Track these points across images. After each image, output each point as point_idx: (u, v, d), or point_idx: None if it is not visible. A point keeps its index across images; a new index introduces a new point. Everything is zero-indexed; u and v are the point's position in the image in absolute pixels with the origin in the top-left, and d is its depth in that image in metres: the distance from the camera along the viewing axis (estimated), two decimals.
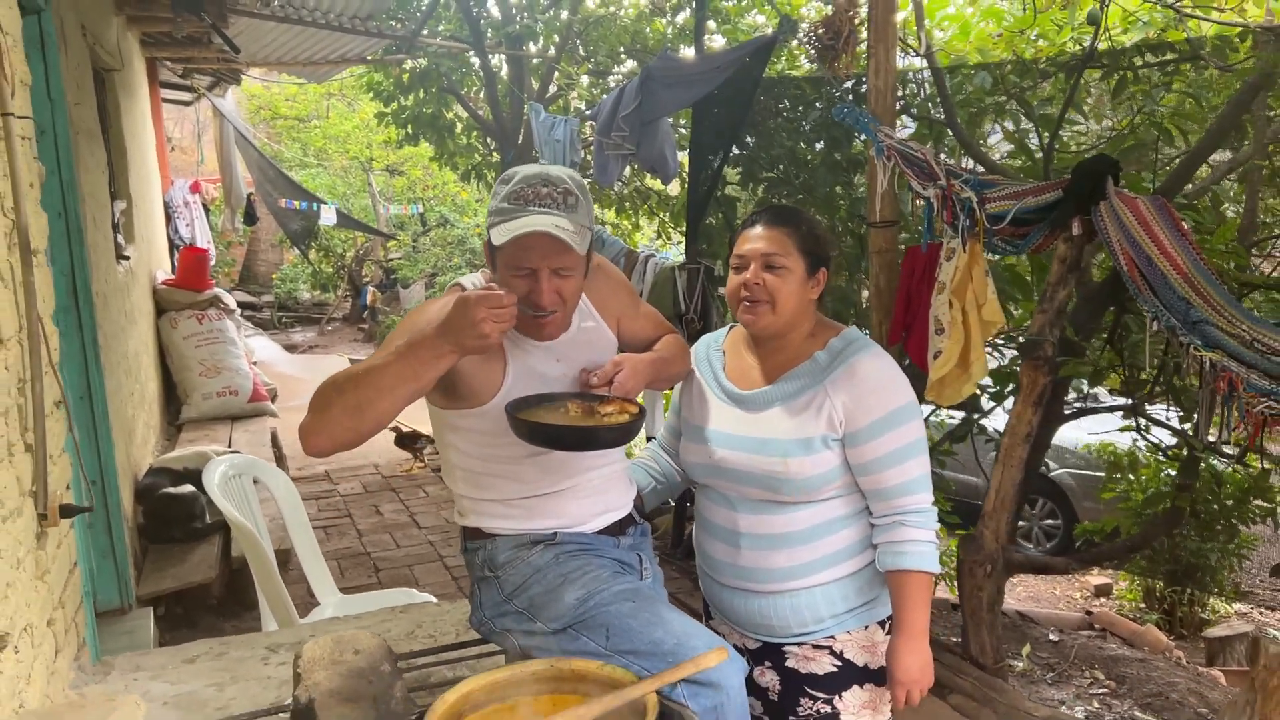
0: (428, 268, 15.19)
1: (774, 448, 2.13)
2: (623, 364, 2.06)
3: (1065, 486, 7.89)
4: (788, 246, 2.15)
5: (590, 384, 2.04)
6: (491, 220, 1.95)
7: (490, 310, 1.69)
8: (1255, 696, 3.29)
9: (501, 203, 1.94)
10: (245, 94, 16.20)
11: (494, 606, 2.11)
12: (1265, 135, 4.53)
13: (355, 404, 1.77)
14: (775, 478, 2.13)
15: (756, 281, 2.14)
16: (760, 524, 2.19)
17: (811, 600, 2.19)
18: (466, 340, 1.72)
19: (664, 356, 2.22)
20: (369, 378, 1.76)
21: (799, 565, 2.18)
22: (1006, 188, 3.66)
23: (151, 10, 6.64)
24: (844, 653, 2.22)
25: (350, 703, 1.92)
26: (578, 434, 1.91)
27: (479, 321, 1.68)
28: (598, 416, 1.96)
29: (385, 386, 1.75)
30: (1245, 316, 3.06)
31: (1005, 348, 5.27)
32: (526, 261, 1.92)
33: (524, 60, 8.31)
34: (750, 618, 2.24)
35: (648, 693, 1.67)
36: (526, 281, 1.93)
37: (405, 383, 1.76)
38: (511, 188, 1.94)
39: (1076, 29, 5.29)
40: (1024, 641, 5.72)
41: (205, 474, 3.19)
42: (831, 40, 4.23)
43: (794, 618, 2.20)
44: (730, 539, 2.23)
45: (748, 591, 2.23)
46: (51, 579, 2.45)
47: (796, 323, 2.20)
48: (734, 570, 2.24)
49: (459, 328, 1.71)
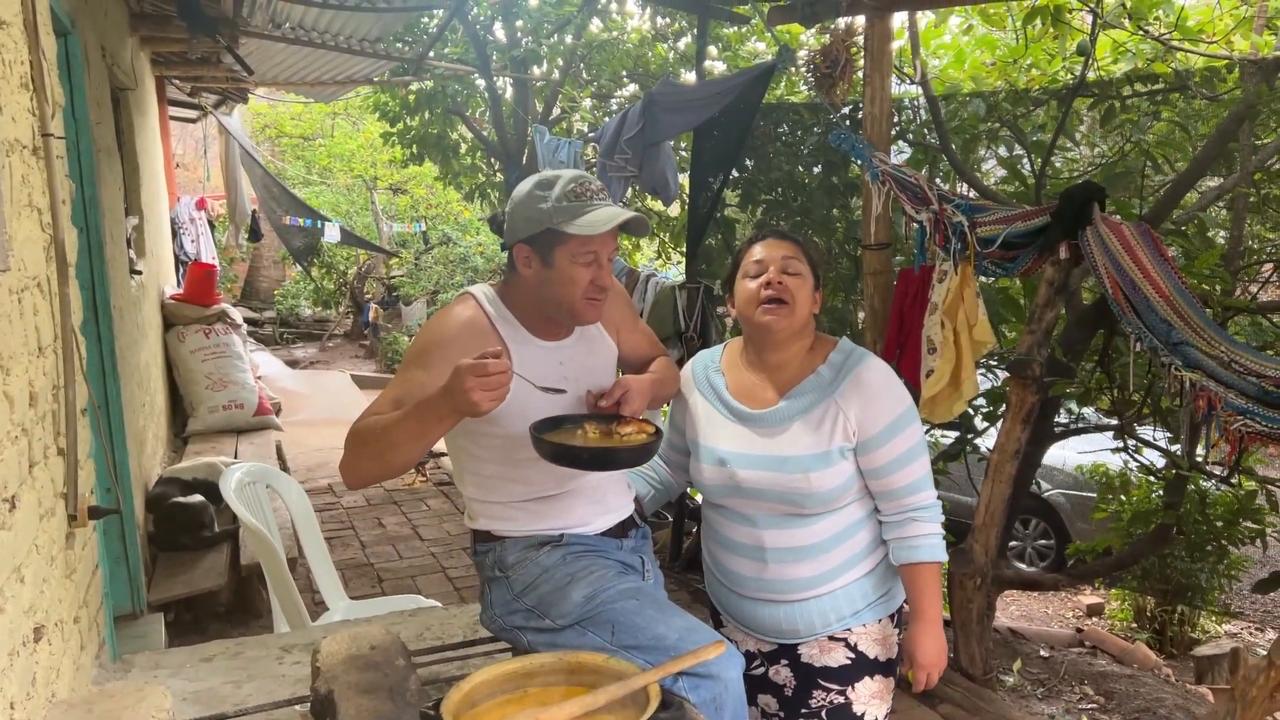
0: (430, 285, 15.32)
1: (795, 464, 2.22)
2: (628, 386, 2.18)
3: (1058, 507, 7.99)
4: (800, 256, 2.29)
5: (600, 406, 2.17)
6: (559, 217, 2.06)
7: (477, 380, 1.80)
8: (1235, 706, 3.39)
9: (559, 201, 2.07)
10: (251, 112, 16.37)
11: (504, 605, 2.22)
12: (1250, 163, 4.66)
13: (377, 453, 1.97)
14: (799, 493, 2.22)
15: (779, 281, 2.24)
16: (784, 538, 2.28)
17: (835, 603, 2.29)
18: (460, 407, 1.84)
19: (660, 378, 2.36)
20: (386, 434, 1.94)
21: (823, 573, 2.28)
22: (996, 212, 3.79)
23: (166, 31, 6.79)
24: (858, 645, 2.31)
25: (368, 694, 2.02)
26: (600, 454, 2.05)
27: (468, 390, 1.80)
28: (617, 437, 2.09)
29: (399, 442, 1.94)
30: (1224, 339, 3.19)
31: (998, 369, 5.40)
32: (596, 246, 2.09)
33: (528, 83, 8.47)
34: (775, 625, 2.33)
35: (651, 683, 1.77)
36: (590, 269, 2.09)
37: (416, 439, 1.93)
38: (565, 188, 2.08)
39: (1068, 59, 5.44)
40: (1015, 657, 5.81)
41: (222, 480, 3.30)
42: (829, 69, 4.36)
43: (819, 620, 2.30)
44: (755, 554, 2.31)
45: (773, 602, 2.32)
46: (78, 578, 2.56)
47: (803, 331, 2.31)
48: (758, 584, 2.32)
49: (454, 394, 1.82)
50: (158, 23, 6.72)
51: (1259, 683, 3.30)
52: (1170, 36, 4.86)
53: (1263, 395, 2.92)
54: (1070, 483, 7.81)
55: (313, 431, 9.00)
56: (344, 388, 11.70)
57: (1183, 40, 4.89)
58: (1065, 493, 7.91)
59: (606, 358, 2.33)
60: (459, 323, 2.13)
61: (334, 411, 10.06)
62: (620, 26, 8.87)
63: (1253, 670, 3.34)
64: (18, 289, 2.03)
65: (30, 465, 2.06)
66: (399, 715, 1.93)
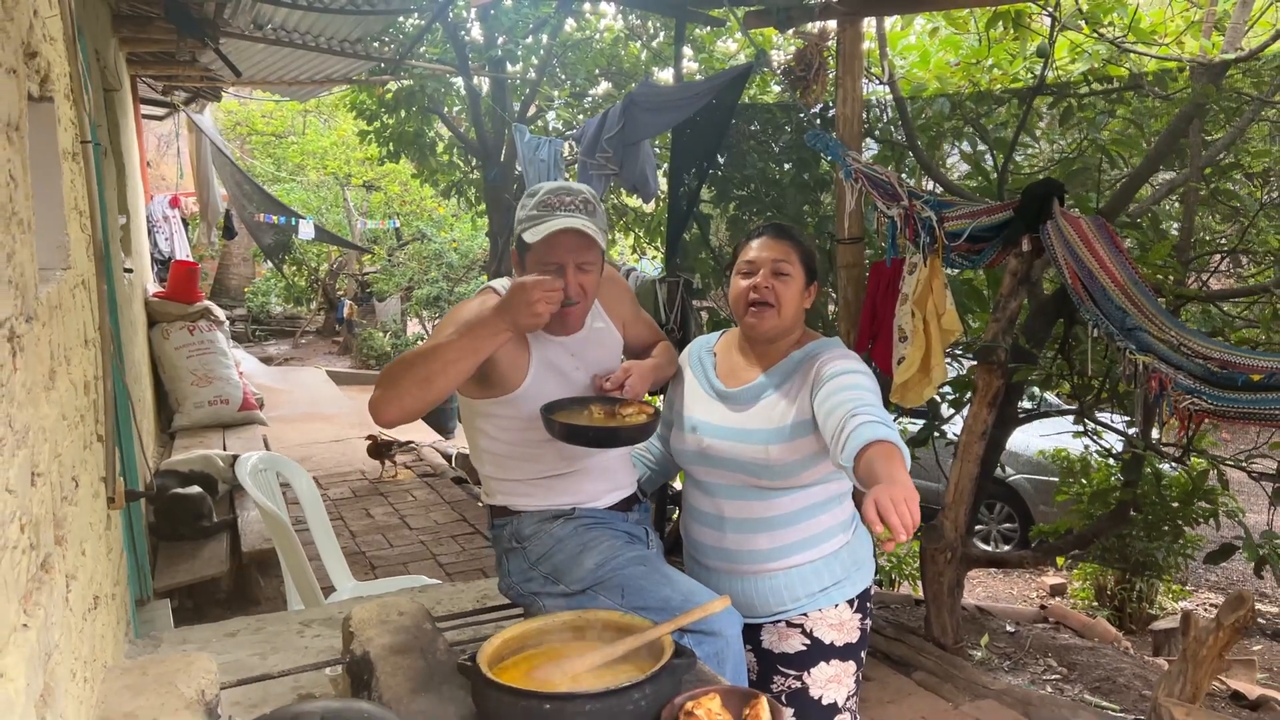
0: (404, 281, 15.43)
1: (757, 436, 2.40)
2: (631, 370, 2.40)
3: (1022, 491, 8.26)
4: (792, 257, 2.44)
5: (605, 388, 2.38)
6: (522, 226, 2.30)
7: (544, 292, 2.03)
8: (1187, 666, 3.65)
9: (531, 211, 2.29)
10: (222, 110, 16.37)
11: (521, 573, 2.42)
12: (1200, 159, 4.91)
13: (425, 376, 2.09)
14: (758, 464, 2.39)
15: (766, 285, 2.40)
16: (743, 509, 2.45)
17: (789, 580, 2.45)
18: (521, 318, 2.04)
19: (661, 362, 2.57)
20: (436, 353, 2.08)
21: (779, 547, 2.43)
22: (963, 208, 4.03)
23: (147, 33, 6.89)
24: (814, 631, 2.46)
25: (401, 653, 2.21)
26: (604, 433, 2.26)
27: (534, 301, 2.02)
28: (620, 417, 2.30)
29: (450, 360, 2.08)
30: (1174, 324, 3.44)
31: (964, 358, 5.64)
32: (555, 257, 2.27)
33: (505, 82, 8.63)
34: (734, 598, 2.45)
35: (665, 635, 1.97)
36: (554, 277, 2.25)
37: (467, 357, 2.09)
38: (539, 199, 2.30)
39: (1028, 59, 5.66)
40: (982, 633, 6.07)
41: (238, 465, 3.47)
42: (803, 72, 4.58)
43: (774, 597, 2.45)
44: (715, 523, 2.49)
45: (731, 573, 2.49)
46: (114, 556, 2.72)
47: (793, 328, 2.49)
48: (718, 552, 2.50)
49: (516, 307, 2.03)
50: (138, 24, 6.81)
51: (1208, 643, 3.56)
52: (1125, 39, 5.09)
53: (1209, 375, 3.16)
54: (1033, 467, 8.07)
55: (292, 427, 9.13)
56: (320, 383, 11.82)
57: (1136, 42, 5.12)
58: (1028, 477, 8.18)
59: (614, 349, 2.54)
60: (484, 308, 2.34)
61: (312, 407, 10.20)
62: (594, 27, 9.05)
63: (1203, 632, 3.60)
64: (73, 285, 2.19)
65: (84, 448, 2.23)
66: (431, 671, 2.12)
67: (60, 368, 1.89)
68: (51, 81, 2.08)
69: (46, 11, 2.09)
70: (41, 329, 1.69)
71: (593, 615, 2.10)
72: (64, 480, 1.85)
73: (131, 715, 1.97)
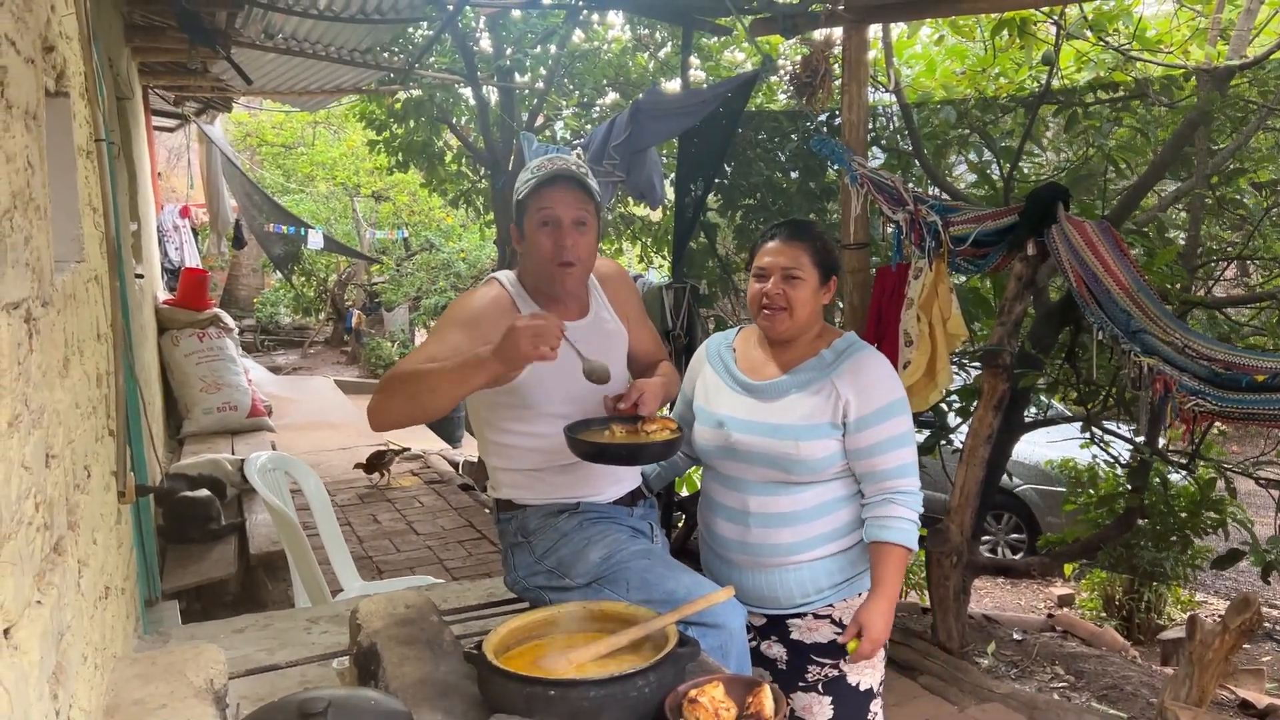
0: (412, 291, 15.48)
1: (787, 432, 2.43)
2: (644, 389, 2.41)
3: (1029, 501, 8.25)
4: (803, 260, 2.45)
5: (620, 409, 2.39)
6: (522, 191, 2.36)
7: (534, 335, 1.99)
8: (1193, 670, 3.64)
9: (525, 176, 2.37)
10: (232, 121, 16.48)
11: (527, 568, 2.44)
12: (1206, 167, 4.93)
13: (413, 394, 2.15)
14: (788, 459, 2.42)
15: (777, 291, 2.44)
16: (769, 504, 2.47)
17: (813, 573, 2.48)
18: (509, 358, 2.03)
19: (668, 380, 2.61)
20: (427, 379, 2.12)
21: (803, 541, 2.47)
22: (968, 212, 4.05)
23: (159, 42, 6.96)
24: (843, 620, 2.50)
25: (408, 645, 2.23)
26: (633, 450, 2.30)
27: (519, 344, 1.99)
28: (644, 434, 2.33)
29: (439, 389, 2.12)
30: (1179, 327, 3.45)
31: (971, 366, 5.64)
32: (548, 204, 2.32)
33: (514, 92, 8.68)
34: (757, 590, 2.51)
35: (669, 624, 1.99)
36: (551, 236, 2.31)
37: (455, 388, 2.12)
38: (533, 165, 2.38)
39: (1034, 68, 5.69)
40: (989, 640, 6.06)
41: (248, 464, 3.49)
42: (809, 78, 4.61)
43: (798, 590, 2.49)
44: (740, 518, 2.51)
45: (755, 567, 2.51)
46: (123, 552, 2.75)
47: (809, 326, 2.51)
48: (741, 546, 2.52)
49: (505, 348, 2.02)
50: (151, 34, 6.88)
51: (1214, 646, 3.56)
52: (1130, 47, 5.12)
53: (1213, 377, 3.18)
54: (1040, 477, 8.06)
55: (301, 435, 9.16)
56: (328, 392, 11.87)
57: (1142, 51, 5.15)
58: (1036, 487, 8.16)
59: (617, 339, 2.56)
60: (486, 299, 2.40)
61: (320, 415, 10.24)
62: (601, 37, 9.10)
63: (1209, 635, 3.60)
64: (86, 278, 2.23)
65: (96, 440, 2.26)
66: (438, 662, 2.14)
67: (74, 357, 1.92)
68: (67, 78, 2.12)
69: (63, 10, 2.13)
70: (56, 315, 1.72)
71: (596, 606, 2.12)
72: (76, 467, 1.88)
73: (141, 702, 1.99)
